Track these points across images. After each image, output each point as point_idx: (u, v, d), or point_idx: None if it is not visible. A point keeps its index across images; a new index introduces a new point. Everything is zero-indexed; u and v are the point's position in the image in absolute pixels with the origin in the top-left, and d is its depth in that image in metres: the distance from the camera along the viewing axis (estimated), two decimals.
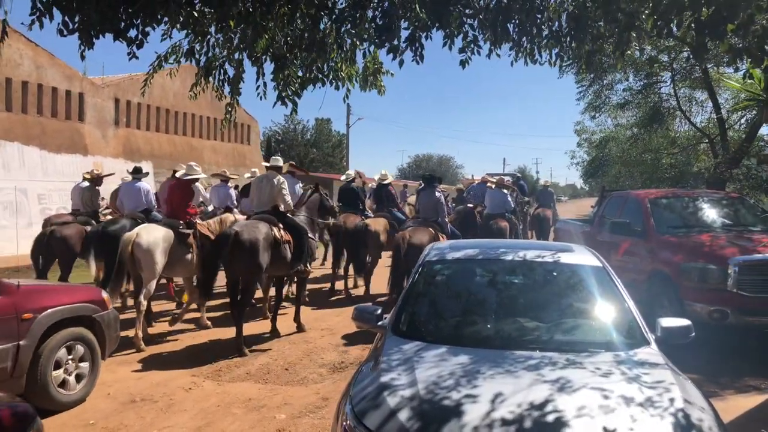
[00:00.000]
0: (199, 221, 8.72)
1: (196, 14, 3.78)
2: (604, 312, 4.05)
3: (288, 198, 8.44)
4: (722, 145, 15.63)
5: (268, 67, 4.74)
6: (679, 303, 7.43)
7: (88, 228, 9.93)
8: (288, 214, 8.43)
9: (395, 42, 3.90)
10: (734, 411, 5.31)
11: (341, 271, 11.76)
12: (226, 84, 4.90)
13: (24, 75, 17.99)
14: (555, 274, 4.42)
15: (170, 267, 8.21)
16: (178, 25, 3.96)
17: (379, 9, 3.86)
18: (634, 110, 19.01)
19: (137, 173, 10.39)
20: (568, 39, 4.63)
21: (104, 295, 6.26)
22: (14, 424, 2.69)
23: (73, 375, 5.72)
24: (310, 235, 8.68)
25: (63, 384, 5.59)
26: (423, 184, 11.00)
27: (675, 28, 3.15)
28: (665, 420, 2.75)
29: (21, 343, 5.13)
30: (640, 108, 18.42)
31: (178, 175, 9.47)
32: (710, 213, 9.11)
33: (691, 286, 7.41)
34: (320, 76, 4.64)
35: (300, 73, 4.68)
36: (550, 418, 2.72)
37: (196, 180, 9.13)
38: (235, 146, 28.51)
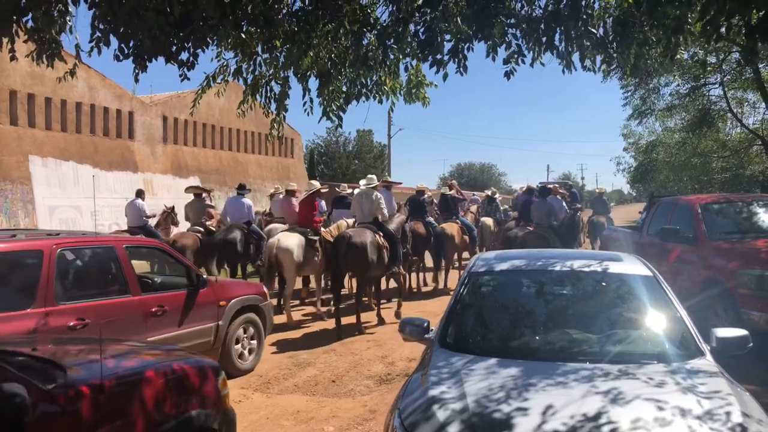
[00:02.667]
0: (322, 228, 10.45)
1: (243, 36, 3.90)
2: (656, 322, 3.97)
3: (385, 210, 9.92)
4: None
5: (313, 83, 4.84)
6: (735, 312, 7.20)
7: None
8: (384, 224, 9.83)
9: (438, 56, 3.93)
10: None
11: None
12: (272, 101, 5.01)
13: (78, 96, 18.70)
14: (604, 284, 4.35)
15: (302, 266, 9.97)
16: (228, 47, 4.09)
17: (422, 23, 3.90)
18: (682, 113, 18.56)
19: (242, 190, 12.22)
20: (614, 45, 4.58)
21: (265, 288, 8.04)
22: (211, 372, 3.67)
23: (247, 349, 7.37)
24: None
25: (240, 356, 7.24)
26: (538, 194, 13.07)
27: (724, 32, 3.09)
28: None
29: (219, 323, 6.93)
30: (688, 111, 17.98)
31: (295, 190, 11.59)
32: (765, 218, 8.80)
33: (748, 294, 7.17)
34: (364, 90, 4.71)
35: (344, 89, 4.75)
36: (605, 430, 2.67)
37: (318, 193, 10.87)
38: (279, 160, 28.95)
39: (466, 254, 14.02)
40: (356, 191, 10.69)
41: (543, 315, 4.15)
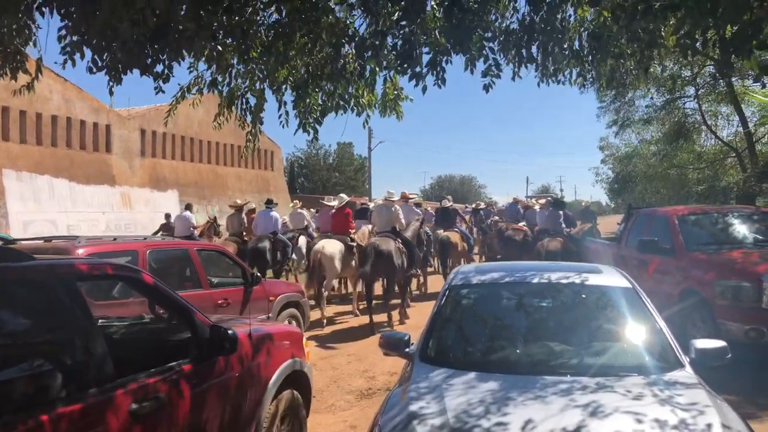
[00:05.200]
0: (359, 235, 11.68)
1: (219, 47, 3.86)
2: (636, 334, 3.97)
3: (403, 221, 11.23)
4: (750, 159, 15.38)
5: (289, 95, 4.81)
6: (713, 322, 7.25)
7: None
8: (401, 233, 11.09)
9: (417, 68, 3.92)
10: None
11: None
12: (248, 113, 4.97)
13: (53, 109, 18.49)
14: (583, 296, 4.35)
15: (342, 270, 11.28)
16: (203, 58, 4.04)
17: (400, 36, 3.89)
18: (658, 126, 18.82)
19: (269, 203, 13.97)
20: (590, 58, 4.62)
21: (303, 287, 9.52)
22: (299, 334, 5.05)
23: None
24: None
25: None
26: (551, 206, 14.56)
27: (700, 47, 3.12)
28: None
29: (269, 315, 7.95)
30: (664, 124, 18.24)
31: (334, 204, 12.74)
32: (741, 229, 8.89)
33: (725, 305, 7.22)
34: (341, 103, 4.68)
35: (321, 101, 4.73)
36: None
37: (350, 204, 12.54)
38: (259, 173, 28.84)
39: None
40: (375, 204, 12.74)
41: (523, 327, 4.13)
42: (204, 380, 3.54)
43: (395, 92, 5.13)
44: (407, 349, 4.06)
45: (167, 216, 17.21)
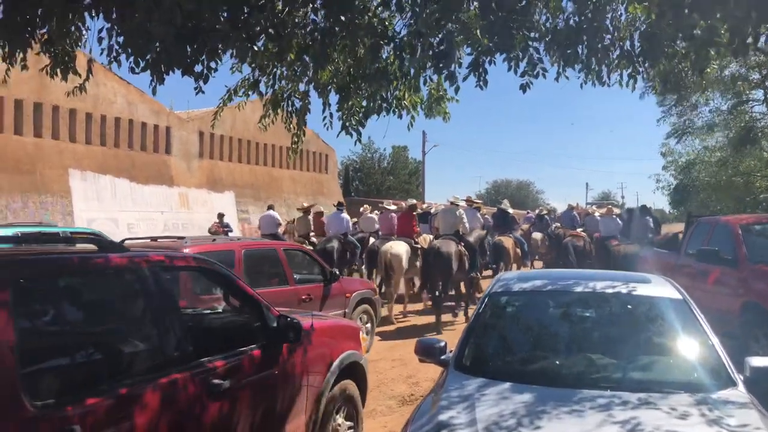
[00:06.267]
0: (422, 238, 12.47)
1: (256, 48, 3.87)
2: (684, 349, 3.76)
3: (467, 225, 11.62)
4: None
5: (333, 97, 4.79)
6: None
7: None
8: (464, 236, 11.46)
9: (452, 68, 3.83)
10: None
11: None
12: (293, 115, 4.98)
13: (117, 112, 19.16)
14: (630, 307, 4.15)
15: (408, 269, 11.76)
16: (242, 59, 4.07)
17: (438, 35, 3.81)
18: (724, 131, 18.03)
19: (340, 206, 14.53)
20: (642, 59, 4.42)
21: (374, 285, 10.34)
22: (357, 329, 5.45)
23: (363, 333, 8.25)
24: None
25: None
26: (639, 212, 14.89)
27: (753, 42, 2.92)
28: None
29: (346, 310, 8.58)
30: (730, 129, 17.45)
31: (393, 207, 13.90)
32: None
33: None
34: (384, 105, 4.63)
35: (364, 103, 4.69)
36: None
37: (414, 208, 13.28)
38: (314, 175, 29.14)
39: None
40: (439, 208, 13.36)
41: (563, 338, 3.98)
42: (271, 365, 3.89)
43: (439, 93, 5.05)
44: (443, 357, 3.97)
45: (220, 216, 17.51)
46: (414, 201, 13.65)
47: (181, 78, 3.95)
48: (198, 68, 3.87)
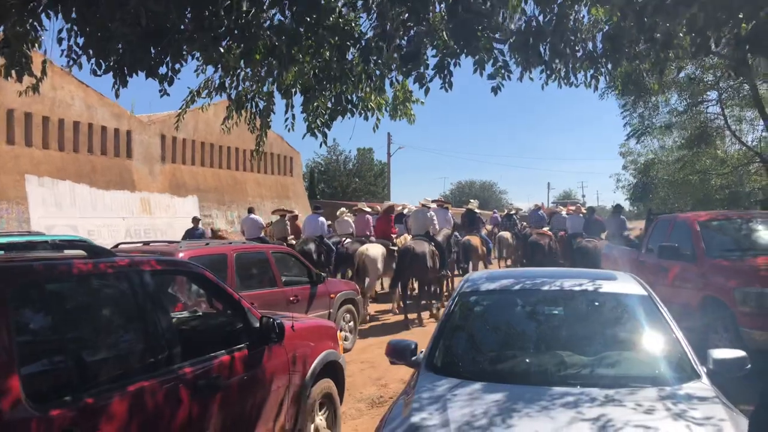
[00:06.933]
0: (400, 240, 12.68)
1: (222, 49, 3.81)
2: (650, 344, 3.83)
3: (437, 225, 12.17)
4: None
5: (298, 99, 4.76)
6: (736, 330, 7.06)
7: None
8: (435, 236, 11.88)
9: (421, 70, 3.84)
10: None
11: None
12: (257, 117, 4.93)
13: (75, 115, 18.69)
14: (596, 303, 4.22)
15: (384, 271, 12.11)
16: (207, 61, 4.01)
17: (405, 37, 3.81)
18: (680, 131, 18.49)
19: (317, 210, 14.83)
20: (604, 60, 4.50)
21: (357, 286, 10.38)
22: (335, 328, 5.56)
23: (347, 333, 9.30)
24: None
25: (344, 338, 8.82)
26: (613, 211, 15.42)
27: (713, 45, 3.00)
28: None
29: (330, 310, 8.89)
30: (686, 129, 17.92)
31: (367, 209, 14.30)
32: (765, 235, 8.67)
33: (748, 312, 7.03)
34: (349, 106, 4.61)
35: (329, 105, 4.66)
36: None
37: (391, 210, 13.76)
38: (278, 178, 28.91)
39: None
40: (410, 209, 13.74)
41: (532, 336, 4.02)
42: (254, 365, 4.02)
43: (404, 95, 5.05)
44: (414, 358, 3.97)
45: (195, 220, 16.99)
46: (392, 203, 14.05)
47: (144, 80, 3.88)
48: (162, 70, 3.79)
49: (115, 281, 3.33)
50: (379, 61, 4.02)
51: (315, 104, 4.57)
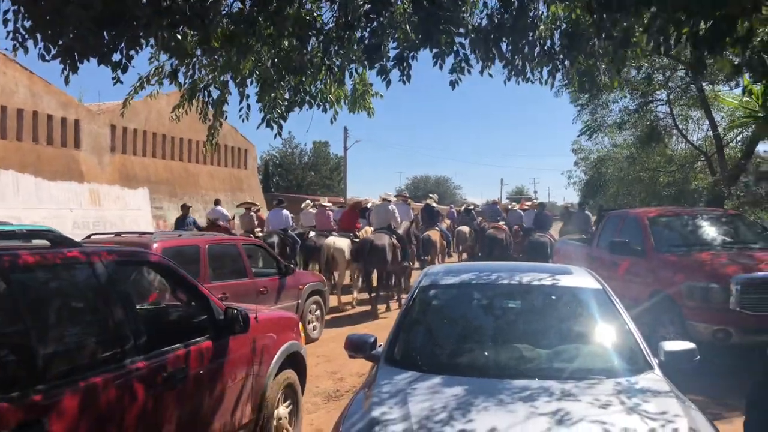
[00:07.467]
0: (362, 233, 13.01)
1: (179, 36, 3.69)
2: (605, 337, 3.91)
3: (398, 219, 12.46)
4: (719, 162, 15.57)
5: (253, 89, 4.66)
6: (682, 324, 7.28)
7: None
8: (396, 229, 12.25)
9: (384, 62, 3.81)
10: None
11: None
12: (210, 106, 4.81)
13: (19, 103, 17.96)
14: (553, 297, 4.28)
15: (350, 263, 12.35)
16: (162, 48, 3.87)
17: (368, 29, 3.77)
18: (631, 130, 18.96)
19: (281, 204, 14.97)
20: (561, 57, 4.55)
21: (324, 278, 10.77)
22: (297, 320, 5.61)
23: (314, 323, 9.72)
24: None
25: (313, 328, 9.58)
26: (578, 207, 16.78)
27: (672, 44, 3.06)
28: None
29: (299, 301, 9.22)
30: (637, 127, 18.38)
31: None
32: (710, 231, 8.97)
33: (694, 306, 7.27)
34: (307, 98, 4.54)
35: (287, 96, 4.57)
36: None
37: (358, 205, 14.34)
38: (232, 171, 28.44)
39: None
40: (374, 204, 13.76)
41: (490, 330, 4.05)
42: (220, 356, 4.05)
43: (364, 88, 5.01)
44: (373, 352, 3.95)
45: (185, 208, 16.28)
46: (360, 199, 14.70)
47: (96, 67, 3.72)
48: (116, 57, 3.65)
49: (65, 273, 3.24)
50: (341, 52, 3.96)
51: (272, 95, 4.48)
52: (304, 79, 4.34)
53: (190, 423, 3.77)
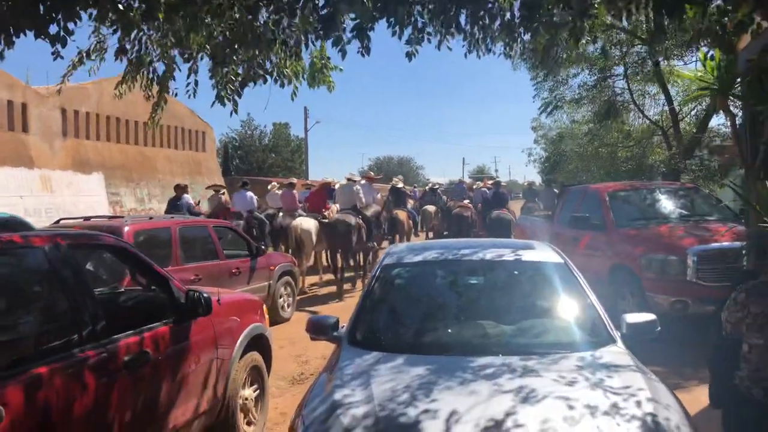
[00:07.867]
0: (329, 213, 12.69)
1: (122, 6, 3.47)
2: (568, 310, 3.89)
3: (363, 199, 12.52)
4: (675, 137, 15.83)
5: (204, 64, 4.46)
6: (642, 295, 7.39)
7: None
8: (362, 210, 12.35)
9: (339, 33, 3.66)
10: (699, 403, 5.23)
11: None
12: (154, 83, 4.58)
13: None
14: (516, 272, 4.24)
15: (317, 244, 12.43)
16: (104, 20, 3.65)
17: None
18: (589, 105, 19.13)
19: (245, 186, 14.85)
20: (521, 29, 4.47)
21: (294, 259, 10.97)
22: (260, 303, 5.60)
23: (285, 303, 9.91)
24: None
25: (282, 308, 9.75)
26: (545, 185, 17.81)
27: (634, 9, 3.01)
28: (632, 425, 2.60)
29: (270, 282, 9.43)
30: (595, 103, 18.55)
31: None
32: (667, 204, 9.12)
33: (653, 278, 7.39)
34: (261, 73, 4.36)
35: (240, 71, 4.39)
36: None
37: (326, 186, 14.15)
38: (190, 154, 27.83)
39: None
40: (340, 185, 13.54)
41: (454, 307, 4.00)
42: (182, 339, 4.00)
43: (322, 62, 4.85)
44: (335, 333, 3.87)
45: (178, 188, 15.93)
46: (330, 179, 14.72)
47: (34, 41, 3.48)
48: (53, 29, 3.41)
49: (10, 258, 3.12)
50: (294, 22, 3.80)
51: (224, 70, 4.29)
52: (257, 53, 4.15)
53: (150, 409, 3.68)
